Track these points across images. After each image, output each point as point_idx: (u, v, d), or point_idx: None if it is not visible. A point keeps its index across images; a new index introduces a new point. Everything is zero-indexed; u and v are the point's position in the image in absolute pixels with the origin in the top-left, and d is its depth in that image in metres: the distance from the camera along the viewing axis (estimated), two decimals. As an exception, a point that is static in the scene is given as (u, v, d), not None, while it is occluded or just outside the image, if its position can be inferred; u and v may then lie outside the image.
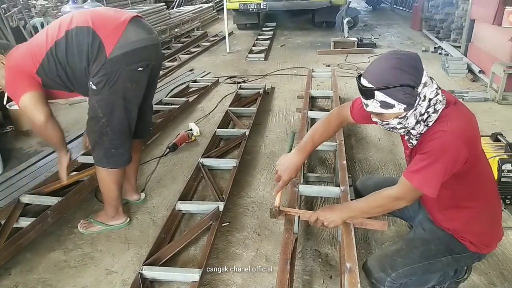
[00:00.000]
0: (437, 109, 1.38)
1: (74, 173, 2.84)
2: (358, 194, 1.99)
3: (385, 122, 1.44)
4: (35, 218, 2.27)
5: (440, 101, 1.38)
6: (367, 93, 1.36)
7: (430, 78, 1.39)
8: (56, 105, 4.49)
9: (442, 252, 1.55)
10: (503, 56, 4.57)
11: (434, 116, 1.39)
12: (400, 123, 1.41)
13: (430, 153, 1.36)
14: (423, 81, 1.34)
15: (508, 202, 2.46)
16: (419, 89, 1.34)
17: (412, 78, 1.32)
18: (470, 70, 5.34)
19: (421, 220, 1.72)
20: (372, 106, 1.38)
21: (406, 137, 1.52)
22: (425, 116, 1.39)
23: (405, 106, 1.34)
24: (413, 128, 1.43)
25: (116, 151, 2.18)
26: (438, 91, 1.39)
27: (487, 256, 2.02)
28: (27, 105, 2.04)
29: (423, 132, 1.43)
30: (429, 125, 1.40)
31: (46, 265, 2.14)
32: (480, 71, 5.15)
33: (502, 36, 4.62)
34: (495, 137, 2.68)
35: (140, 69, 2.05)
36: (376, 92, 1.34)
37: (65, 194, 2.51)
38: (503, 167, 2.40)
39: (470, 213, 1.53)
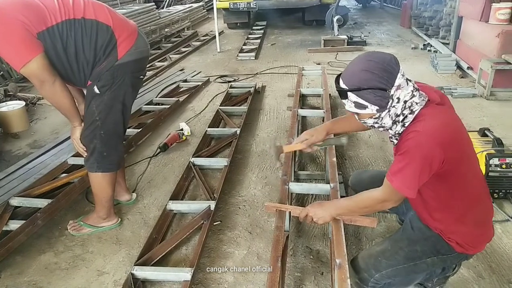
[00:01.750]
0: (413, 110, 1.40)
1: (64, 174, 2.83)
2: (353, 188, 2.02)
3: (363, 121, 1.50)
4: (25, 221, 2.25)
5: (416, 103, 1.40)
6: (342, 94, 1.45)
7: (407, 80, 1.41)
8: (46, 106, 4.47)
9: (427, 254, 1.54)
10: (490, 52, 4.63)
11: (411, 117, 1.41)
12: (376, 122, 1.46)
13: (405, 154, 1.38)
14: (396, 83, 1.37)
15: (496, 196, 2.49)
16: (392, 92, 1.37)
17: (382, 81, 1.35)
18: (459, 67, 5.40)
19: (412, 216, 1.72)
20: (348, 105, 1.46)
21: (389, 136, 1.55)
22: (401, 117, 1.41)
23: (377, 107, 1.39)
24: (390, 128, 1.47)
25: (108, 155, 2.17)
26: (415, 93, 1.40)
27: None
28: (35, 70, 1.84)
29: (401, 132, 1.46)
30: (406, 126, 1.43)
31: (37, 268, 2.13)
32: (468, 68, 5.21)
33: (490, 33, 4.67)
34: (483, 132, 2.71)
35: (141, 77, 2.17)
36: (349, 93, 1.41)
37: (55, 196, 2.50)
38: (491, 161, 2.43)
39: (455, 213, 1.52)
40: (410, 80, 1.43)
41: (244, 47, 7.32)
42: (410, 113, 1.41)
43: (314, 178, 2.88)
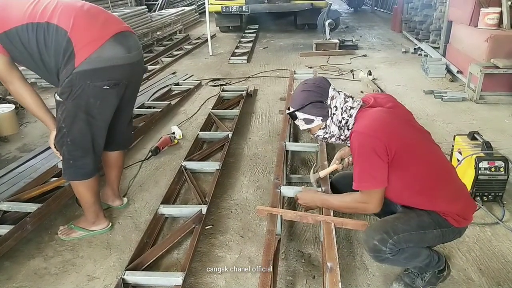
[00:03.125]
0: (351, 114, 1.69)
1: (54, 179, 2.80)
2: (333, 187, 2.14)
3: (316, 135, 1.78)
4: (14, 226, 2.22)
5: (351, 107, 1.70)
6: (292, 116, 1.76)
7: (338, 91, 1.75)
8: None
9: (434, 225, 1.66)
10: (479, 56, 4.68)
11: (351, 120, 1.70)
12: (326, 132, 1.75)
13: (355, 155, 1.62)
14: (330, 95, 1.71)
15: (486, 199, 2.52)
16: (328, 102, 1.70)
17: (318, 95, 1.69)
18: (449, 71, 5.46)
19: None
20: (301, 125, 1.76)
21: (346, 144, 1.83)
22: (343, 121, 1.70)
23: (321, 117, 1.71)
24: (340, 135, 1.74)
25: (74, 163, 2.11)
26: (347, 99, 1.72)
27: (465, 253, 2.09)
28: None
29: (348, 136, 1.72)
30: (350, 128, 1.70)
31: (26, 273, 2.10)
32: (458, 71, 5.27)
33: (479, 37, 4.73)
34: (472, 136, 2.74)
35: (106, 87, 1.95)
36: (297, 113, 1.73)
37: (45, 201, 2.47)
38: (480, 164, 2.46)
39: (428, 194, 1.67)
40: (340, 91, 1.76)
41: (236, 50, 7.33)
42: (349, 117, 1.69)
43: (306, 182, 2.88)
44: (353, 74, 5.63)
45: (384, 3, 13.09)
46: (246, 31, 9.39)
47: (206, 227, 2.41)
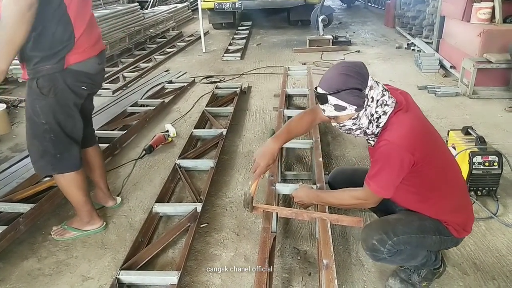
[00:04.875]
0: (386, 111, 1.55)
1: (47, 178, 2.77)
2: (330, 185, 2.11)
3: (341, 124, 1.60)
4: (6, 226, 2.19)
5: (387, 103, 1.54)
6: (322, 99, 1.53)
7: (376, 82, 1.56)
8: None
9: (433, 231, 1.66)
10: (472, 51, 4.69)
11: (384, 118, 1.55)
12: (354, 123, 1.57)
13: (379, 161, 1.55)
14: (369, 84, 1.51)
15: (480, 194, 2.53)
16: (366, 91, 1.51)
17: (358, 82, 1.49)
18: (442, 66, 5.47)
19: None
20: (328, 110, 1.55)
21: (366, 137, 1.67)
22: (376, 115, 1.55)
23: (356, 107, 1.51)
24: (367, 128, 1.58)
25: (61, 156, 2.10)
26: (384, 92, 1.55)
27: (460, 247, 2.09)
28: None
29: (376, 133, 1.59)
30: (380, 126, 1.57)
31: (19, 274, 2.08)
32: (451, 67, 5.28)
33: (471, 32, 4.74)
34: (466, 131, 2.75)
35: (84, 88, 2.09)
36: (329, 97, 1.50)
37: (38, 201, 2.45)
38: (474, 159, 2.46)
39: (438, 202, 1.65)
40: (379, 82, 1.58)
41: (229, 47, 7.30)
42: (383, 114, 1.55)
43: (301, 179, 2.88)
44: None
45: (377, -2, 13.10)
46: (240, 27, 9.36)
47: (201, 226, 2.40)
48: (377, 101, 1.53)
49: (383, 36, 8.23)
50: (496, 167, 2.46)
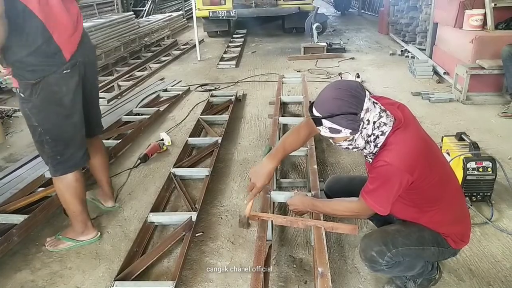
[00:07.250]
0: (384, 131, 1.52)
1: (41, 189, 2.76)
2: (326, 194, 2.09)
3: (338, 144, 1.61)
4: (-1, 238, 2.18)
5: (385, 123, 1.52)
6: (317, 121, 1.53)
7: (374, 103, 1.53)
8: (22, 118, 4.36)
9: (432, 242, 1.66)
10: (465, 57, 4.74)
11: (382, 138, 1.53)
12: (350, 144, 1.57)
13: (377, 178, 1.54)
14: (364, 107, 1.48)
15: (474, 200, 2.53)
16: (362, 114, 1.48)
17: (353, 106, 1.46)
18: (436, 72, 5.51)
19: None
20: (323, 131, 1.54)
21: (364, 155, 1.67)
22: (373, 137, 1.53)
23: (350, 130, 1.49)
24: (364, 148, 1.58)
25: (62, 158, 2.10)
26: (382, 113, 1.52)
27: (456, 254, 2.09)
28: None
29: (374, 152, 1.58)
30: (378, 146, 1.55)
31: (12, 286, 2.06)
32: (444, 73, 5.33)
33: (464, 39, 4.79)
34: (460, 137, 2.76)
35: (66, 71, 1.96)
36: (323, 120, 1.49)
37: (32, 211, 2.43)
38: (468, 165, 2.47)
39: (438, 215, 1.64)
40: (376, 103, 1.54)
41: (224, 55, 7.32)
42: (381, 134, 1.52)
43: (296, 186, 2.88)
44: (341, 77, 5.65)
45: (370, 6, 13.21)
46: (234, 35, 9.40)
47: (197, 234, 2.38)
48: (374, 123, 1.50)
49: (377, 43, 8.29)
50: (490, 172, 2.47)
